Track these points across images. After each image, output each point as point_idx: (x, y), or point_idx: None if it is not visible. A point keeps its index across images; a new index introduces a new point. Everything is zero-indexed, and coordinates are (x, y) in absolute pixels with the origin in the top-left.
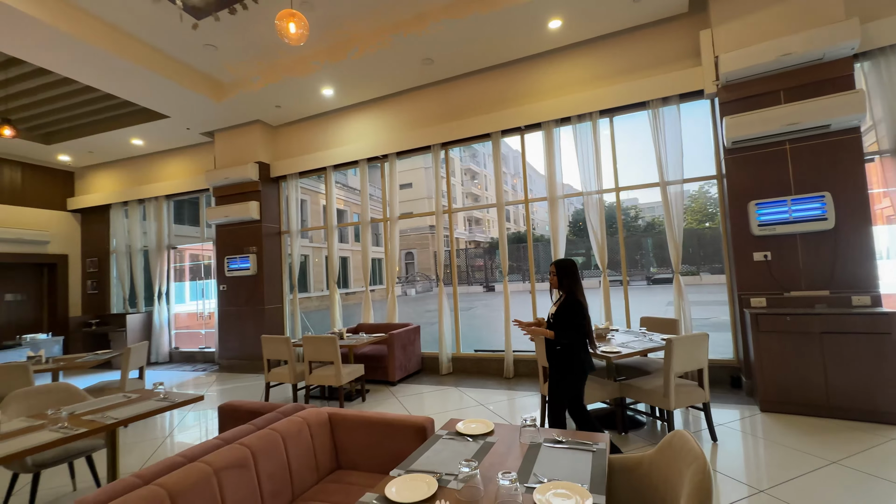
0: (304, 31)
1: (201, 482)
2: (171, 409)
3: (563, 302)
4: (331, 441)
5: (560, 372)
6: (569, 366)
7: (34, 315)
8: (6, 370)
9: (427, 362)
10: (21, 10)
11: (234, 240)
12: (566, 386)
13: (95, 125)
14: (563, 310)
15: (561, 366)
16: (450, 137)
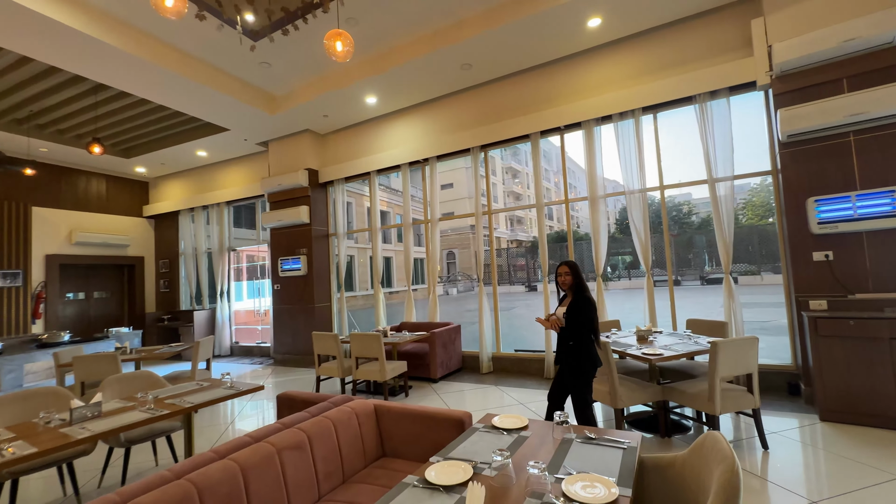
0: (350, 48)
1: (266, 459)
2: (237, 396)
3: (575, 300)
4: (376, 430)
5: (575, 369)
6: (583, 361)
7: (117, 311)
8: (101, 359)
9: (468, 361)
10: (109, 43)
11: (287, 242)
12: (585, 381)
13: (166, 140)
14: (577, 307)
15: (575, 362)
16: (489, 140)
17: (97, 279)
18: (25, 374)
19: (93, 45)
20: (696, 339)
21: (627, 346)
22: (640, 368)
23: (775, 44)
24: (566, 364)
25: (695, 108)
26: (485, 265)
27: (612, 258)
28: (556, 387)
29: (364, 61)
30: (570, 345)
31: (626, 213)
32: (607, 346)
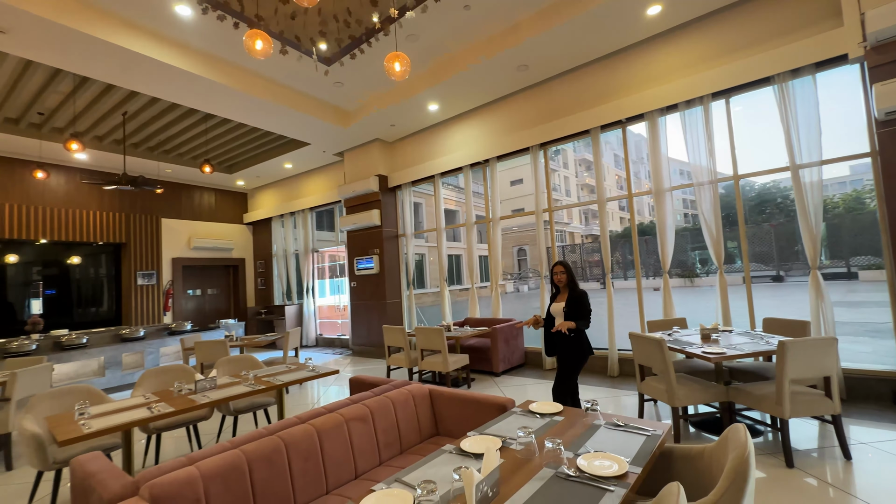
0: (407, 67)
1: (337, 426)
2: (317, 378)
3: (571, 295)
4: (431, 411)
5: (574, 356)
6: (581, 350)
7: (225, 305)
8: (214, 344)
9: (531, 357)
10: (214, 80)
11: (361, 243)
12: (578, 367)
13: (260, 156)
14: (575, 301)
15: (574, 351)
16: (547, 138)
17: (210, 278)
18: (161, 356)
19: (202, 83)
20: (768, 339)
21: (688, 344)
22: (706, 368)
23: (869, 11)
24: (568, 352)
25: (773, 89)
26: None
27: (700, 252)
28: (559, 382)
29: (425, 73)
30: (570, 336)
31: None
32: (662, 343)
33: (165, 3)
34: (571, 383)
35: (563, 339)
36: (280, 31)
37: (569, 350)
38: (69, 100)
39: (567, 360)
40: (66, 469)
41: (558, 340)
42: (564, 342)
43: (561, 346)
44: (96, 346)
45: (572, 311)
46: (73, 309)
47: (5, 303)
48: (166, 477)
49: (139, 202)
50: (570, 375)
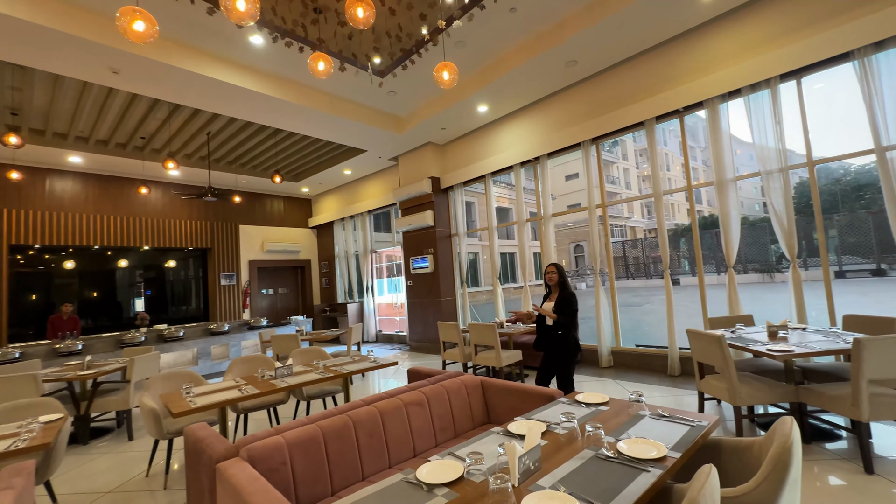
0: (454, 76)
1: (397, 409)
2: (378, 368)
3: (561, 295)
4: (482, 401)
5: (560, 352)
6: (567, 346)
7: (294, 303)
8: (288, 338)
9: (586, 354)
10: (281, 98)
11: (416, 243)
12: (571, 361)
13: (322, 164)
14: (564, 301)
15: (562, 347)
16: (599, 132)
17: (280, 278)
18: (242, 348)
19: (272, 102)
20: (845, 337)
21: (751, 342)
22: (776, 368)
23: None
24: (554, 349)
25: (853, 65)
26: (617, 258)
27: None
28: (542, 372)
29: (473, 76)
30: (558, 334)
31: (801, 193)
32: (721, 340)
33: (242, 36)
34: (569, 375)
35: (552, 336)
36: (339, 50)
37: (556, 346)
38: (165, 125)
39: (553, 354)
40: (177, 439)
41: (548, 336)
42: (552, 339)
43: (549, 342)
44: (190, 339)
45: (559, 309)
46: (169, 306)
47: (115, 301)
48: (259, 443)
49: (221, 211)
50: (561, 369)
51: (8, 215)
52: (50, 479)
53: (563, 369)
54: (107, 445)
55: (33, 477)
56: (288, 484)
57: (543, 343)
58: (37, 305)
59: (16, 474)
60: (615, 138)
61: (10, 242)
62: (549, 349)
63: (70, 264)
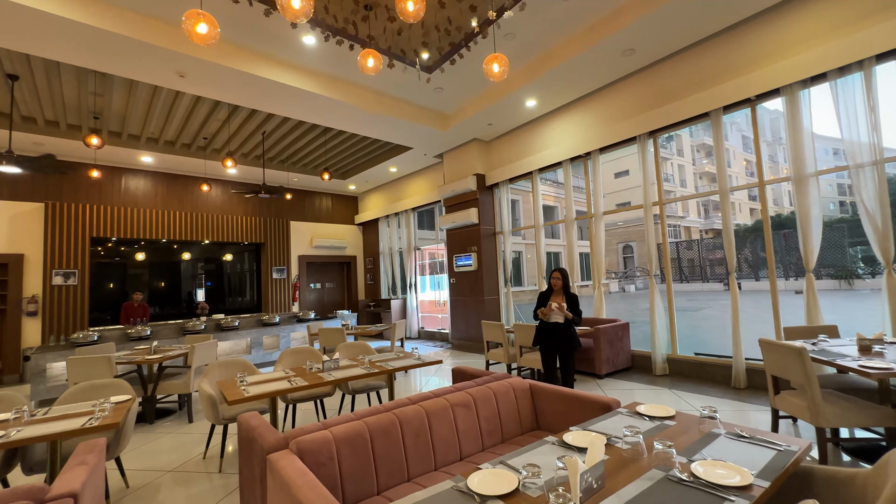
0: (505, 68)
1: (443, 409)
2: (422, 366)
3: (570, 298)
4: (531, 405)
5: (572, 347)
6: (576, 339)
7: (340, 297)
8: (334, 332)
9: (638, 360)
10: (333, 97)
11: (459, 241)
12: (574, 355)
13: (369, 162)
14: (573, 301)
15: (573, 342)
16: (657, 125)
17: (328, 273)
18: (291, 340)
19: (322, 101)
20: None
21: (839, 356)
22: (867, 386)
23: None
24: (564, 343)
25: None
26: (673, 259)
27: (863, 248)
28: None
29: (522, 69)
30: (569, 330)
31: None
32: (803, 352)
33: (295, 37)
34: (571, 368)
35: (563, 332)
36: (388, 46)
37: (567, 340)
38: (224, 125)
39: (564, 348)
40: (231, 425)
41: (557, 332)
42: (564, 334)
43: (560, 337)
44: (244, 329)
45: (572, 308)
46: (226, 297)
47: (180, 291)
48: (308, 436)
49: (274, 208)
50: (567, 361)
51: (90, 210)
52: (120, 455)
53: (569, 361)
54: (170, 426)
55: (104, 453)
56: (335, 479)
57: (548, 339)
58: (113, 293)
59: (89, 451)
60: (675, 131)
61: (92, 235)
62: (560, 342)
63: (141, 256)
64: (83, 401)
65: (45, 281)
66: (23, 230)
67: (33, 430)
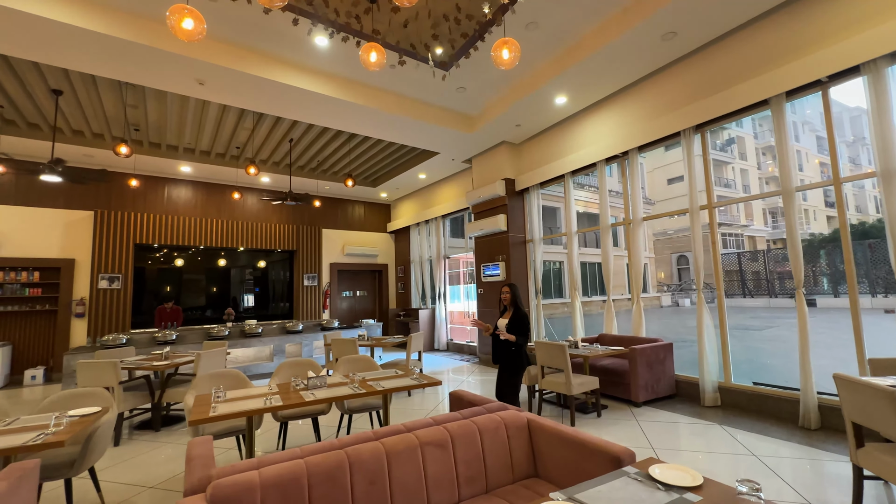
0: (516, 53)
1: (410, 450)
2: (419, 387)
3: (515, 314)
4: (528, 446)
5: (514, 367)
6: (520, 360)
7: (371, 306)
8: (346, 342)
9: (683, 388)
10: (352, 101)
11: (488, 249)
12: (520, 374)
13: (397, 168)
14: (518, 320)
15: (515, 362)
16: (705, 117)
17: (359, 281)
18: (314, 348)
19: (339, 105)
20: None
21: None
22: None
23: None
24: (507, 362)
25: None
26: (730, 271)
27: None
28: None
29: (549, 63)
30: (511, 349)
31: None
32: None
33: (306, 38)
34: (515, 383)
35: (507, 351)
36: (396, 41)
37: (510, 360)
38: (252, 134)
39: (508, 367)
40: None
41: (503, 351)
42: (508, 353)
43: (504, 356)
44: (268, 336)
45: (514, 327)
46: (258, 303)
47: (215, 296)
48: (229, 479)
49: (306, 215)
50: (511, 378)
51: (135, 218)
52: (95, 468)
53: (511, 377)
54: (174, 435)
55: (35, 476)
56: None
57: (500, 356)
58: (153, 297)
59: (17, 472)
60: (727, 124)
61: (136, 241)
62: (504, 361)
63: (180, 262)
64: (61, 410)
65: (92, 284)
66: (75, 236)
67: None
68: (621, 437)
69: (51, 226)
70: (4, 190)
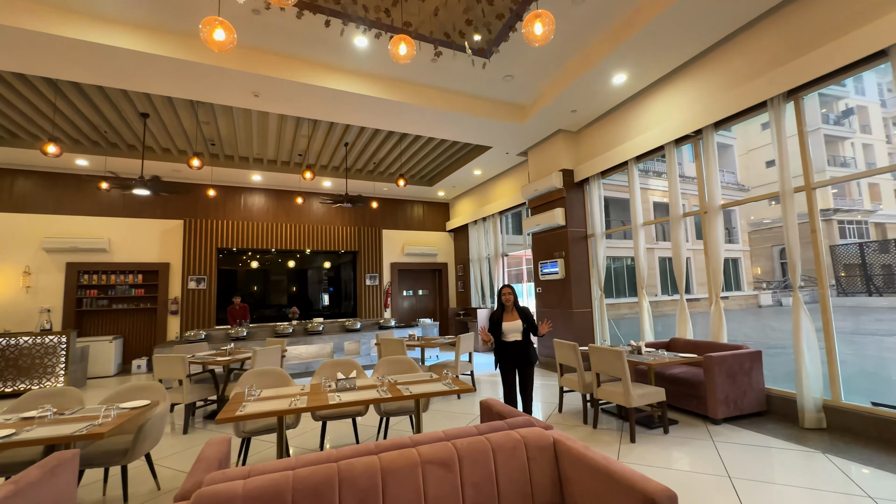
0: (551, 27)
1: (410, 467)
2: (448, 393)
3: (523, 312)
4: (554, 470)
5: (531, 361)
6: (534, 356)
7: (432, 305)
8: (393, 342)
9: (777, 404)
10: (395, 100)
11: (545, 246)
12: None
13: (452, 166)
14: (528, 316)
15: (531, 356)
16: (799, 80)
17: (420, 280)
18: (371, 347)
19: (386, 105)
20: None
21: None
22: None
23: None
24: (525, 359)
25: None
26: (840, 267)
27: None
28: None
29: (602, 38)
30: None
31: None
32: None
33: (346, 42)
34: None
35: (521, 349)
36: (430, 32)
37: (528, 356)
38: (310, 140)
39: (526, 365)
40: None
41: (518, 350)
42: (524, 351)
43: (521, 354)
44: (328, 334)
45: (530, 324)
46: (323, 302)
47: (285, 295)
48: (210, 489)
49: (367, 217)
50: (529, 377)
51: (217, 225)
52: (150, 454)
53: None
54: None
55: (74, 465)
56: None
57: (512, 357)
58: (232, 296)
59: (55, 462)
60: (829, 85)
61: (217, 246)
62: (521, 361)
63: (255, 264)
64: (118, 402)
65: (182, 285)
66: (170, 243)
67: (40, 433)
68: (690, 459)
69: (150, 234)
70: (115, 204)
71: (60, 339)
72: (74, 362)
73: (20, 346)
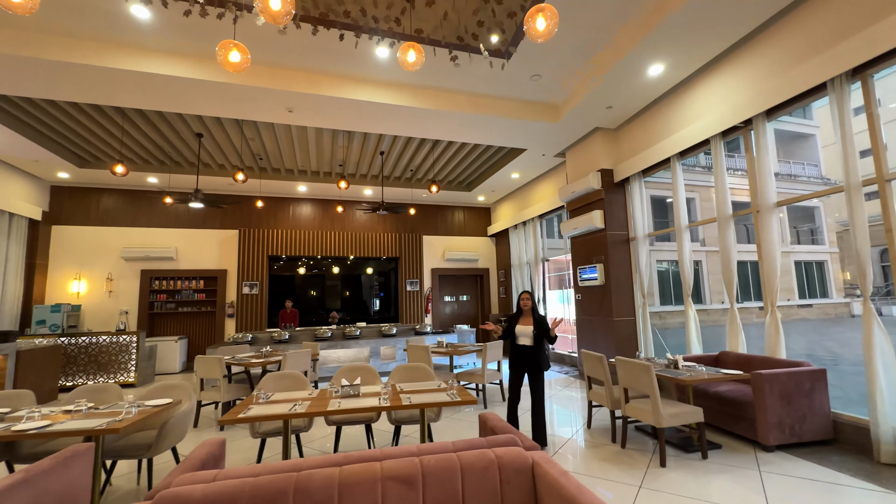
0: (555, 20)
1: (369, 482)
2: (452, 405)
3: (537, 317)
4: (530, 496)
5: (543, 365)
6: (545, 363)
7: (473, 311)
8: (419, 348)
9: (846, 433)
10: (423, 107)
11: (584, 250)
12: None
13: (489, 170)
14: (542, 323)
15: (543, 360)
16: (866, 55)
17: (461, 286)
18: (406, 352)
19: (416, 112)
20: None
21: None
22: None
23: None
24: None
25: None
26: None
27: None
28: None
29: (632, 25)
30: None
31: None
32: None
33: (368, 53)
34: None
35: (532, 353)
36: (442, 37)
37: (537, 361)
38: (347, 151)
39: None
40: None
41: (528, 354)
42: (534, 355)
43: (530, 358)
44: (365, 339)
45: (542, 331)
46: (367, 308)
47: (335, 300)
48: (170, 492)
49: (407, 223)
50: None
51: (268, 234)
52: (177, 448)
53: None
54: None
55: (90, 457)
56: None
57: (517, 360)
58: (282, 301)
59: (69, 455)
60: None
61: (268, 254)
62: (532, 366)
63: (302, 270)
64: (152, 398)
65: (238, 290)
66: (227, 251)
67: (67, 426)
68: (729, 492)
69: (210, 243)
70: (181, 217)
71: (132, 338)
72: (143, 360)
73: (100, 343)
